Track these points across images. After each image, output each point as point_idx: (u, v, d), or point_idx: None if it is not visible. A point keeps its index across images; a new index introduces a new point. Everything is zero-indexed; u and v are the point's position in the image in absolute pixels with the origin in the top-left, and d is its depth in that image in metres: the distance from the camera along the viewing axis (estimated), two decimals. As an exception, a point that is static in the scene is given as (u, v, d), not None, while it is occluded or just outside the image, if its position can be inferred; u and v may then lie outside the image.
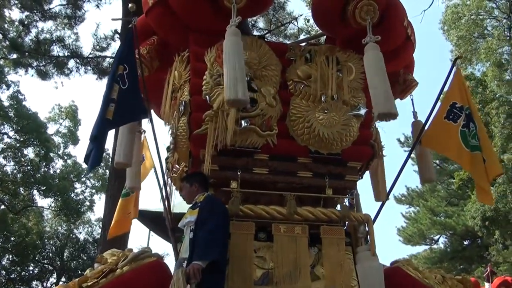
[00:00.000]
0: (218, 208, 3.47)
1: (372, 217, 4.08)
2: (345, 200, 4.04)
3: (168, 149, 4.35)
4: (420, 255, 28.01)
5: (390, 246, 35.29)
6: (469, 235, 26.38)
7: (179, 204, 4.65)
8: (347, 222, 4.01)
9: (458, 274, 14.34)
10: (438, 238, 28.65)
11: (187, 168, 4.04)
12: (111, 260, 3.67)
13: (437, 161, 28.32)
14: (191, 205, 3.63)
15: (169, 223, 4.20)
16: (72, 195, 24.30)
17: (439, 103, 4.55)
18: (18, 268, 21.98)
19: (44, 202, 25.29)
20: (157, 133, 4.25)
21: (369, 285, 3.71)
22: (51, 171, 24.98)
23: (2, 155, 23.74)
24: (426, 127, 4.48)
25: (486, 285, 10.61)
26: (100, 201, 25.31)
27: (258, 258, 3.72)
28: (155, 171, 4.54)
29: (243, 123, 3.76)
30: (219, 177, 3.83)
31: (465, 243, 27.91)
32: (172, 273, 3.52)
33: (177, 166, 3.98)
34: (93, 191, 25.39)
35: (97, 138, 3.65)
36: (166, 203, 4.18)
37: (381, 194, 4.46)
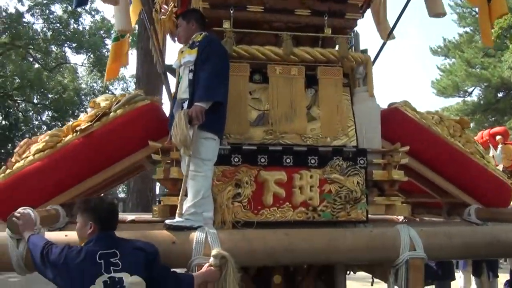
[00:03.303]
0: (219, 49, 3.29)
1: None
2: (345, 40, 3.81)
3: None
4: (452, 107, 27.79)
5: (423, 99, 35.09)
6: (504, 87, 25.73)
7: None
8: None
9: (491, 126, 14.21)
10: (472, 90, 28.15)
11: (176, 8, 3.83)
12: (104, 104, 3.68)
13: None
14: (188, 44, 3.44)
15: (161, 65, 4.11)
16: (104, 51, 24.33)
17: None
18: (59, 123, 23.13)
19: (77, 59, 25.70)
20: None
21: (366, 125, 3.68)
22: (81, 28, 24.93)
23: (30, 13, 23.69)
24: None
25: None
26: (132, 56, 25.44)
27: (254, 100, 3.66)
28: (143, 12, 4.29)
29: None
30: (210, 16, 3.62)
31: (499, 95, 27.36)
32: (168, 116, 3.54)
33: (165, 7, 3.76)
34: (124, 46, 25.29)
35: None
36: (156, 45, 4.06)
37: (382, 33, 4.19)
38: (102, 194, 4.58)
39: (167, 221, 3.01)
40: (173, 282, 2.59)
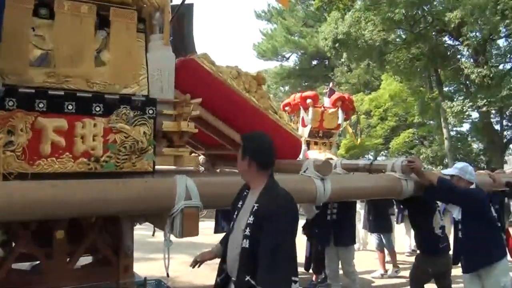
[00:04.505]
0: None
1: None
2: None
3: None
4: (270, 70, 29.55)
5: (244, 60, 36.64)
6: (319, 55, 28.19)
7: None
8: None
9: (304, 90, 15.26)
10: (290, 56, 30.27)
11: None
12: None
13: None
14: None
15: None
16: None
17: None
18: None
19: None
20: None
21: (158, 74, 3.55)
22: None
23: None
24: None
25: (326, 100, 11.51)
26: None
27: (37, 37, 3.25)
28: None
29: None
30: None
31: (313, 62, 29.94)
32: None
33: None
34: None
35: None
36: None
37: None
38: None
39: None
40: None
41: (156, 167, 3.52)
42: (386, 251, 7.77)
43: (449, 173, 4.23)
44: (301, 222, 6.62)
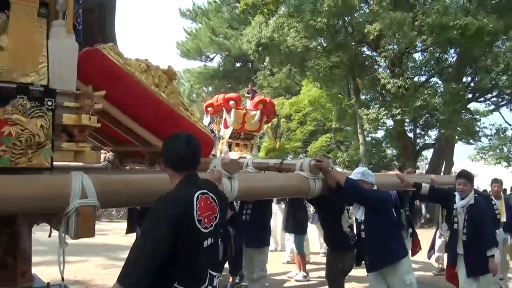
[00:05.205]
0: None
1: None
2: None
3: None
4: (194, 70, 29.32)
5: (167, 59, 36.11)
6: (242, 58, 28.35)
7: None
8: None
9: (227, 92, 15.28)
10: (214, 57, 30.19)
11: None
12: None
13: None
14: None
15: None
16: None
17: None
18: None
19: None
20: None
21: (59, 64, 3.30)
22: None
23: None
24: None
25: (248, 102, 11.57)
26: None
27: None
28: None
29: None
30: None
31: (237, 65, 30.07)
32: None
33: None
34: None
35: None
36: None
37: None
38: None
39: None
40: None
41: (60, 163, 3.28)
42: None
43: (353, 178, 4.35)
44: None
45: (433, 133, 20.19)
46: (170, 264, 2.27)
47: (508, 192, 11.91)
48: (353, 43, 18.36)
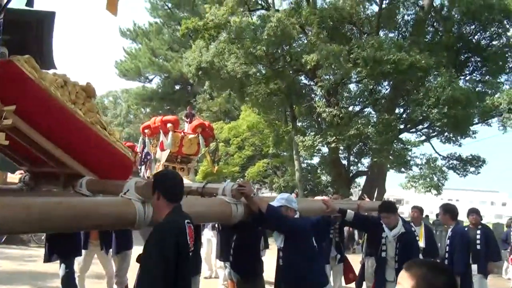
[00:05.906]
0: None
1: None
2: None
3: None
4: (132, 90, 28.77)
5: (105, 78, 35.31)
6: (182, 80, 28.13)
7: None
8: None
9: (165, 114, 15.03)
10: (153, 78, 29.80)
11: None
12: None
13: (170, 4, 28.35)
14: None
15: None
16: None
17: None
18: None
19: None
20: None
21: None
22: None
23: None
24: None
25: (186, 125, 11.37)
26: None
27: None
28: None
29: None
30: None
31: (176, 87, 29.79)
32: None
33: None
34: None
35: None
36: None
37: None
38: None
39: None
40: None
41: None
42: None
43: (277, 204, 4.29)
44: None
45: (366, 161, 20.76)
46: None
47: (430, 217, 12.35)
48: (291, 72, 18.73)
